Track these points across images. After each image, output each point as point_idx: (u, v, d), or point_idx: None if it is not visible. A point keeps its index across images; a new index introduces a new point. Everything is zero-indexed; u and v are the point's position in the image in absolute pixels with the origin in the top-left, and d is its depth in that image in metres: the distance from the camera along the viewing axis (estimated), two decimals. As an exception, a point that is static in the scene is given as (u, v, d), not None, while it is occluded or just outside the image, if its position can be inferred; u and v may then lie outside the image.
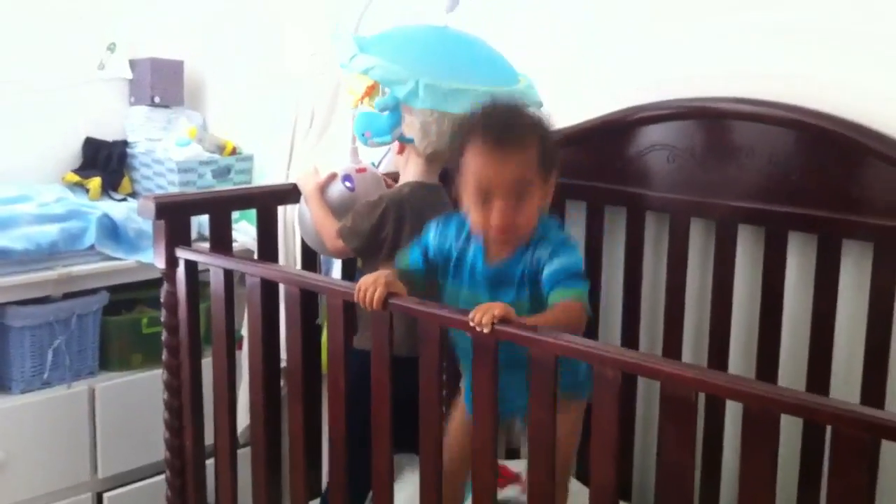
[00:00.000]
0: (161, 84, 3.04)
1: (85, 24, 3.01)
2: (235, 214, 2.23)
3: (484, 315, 1.43)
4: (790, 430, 1.80)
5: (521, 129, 1.58)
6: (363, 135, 1.97)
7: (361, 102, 2.01)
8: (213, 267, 1.92)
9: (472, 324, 1.45)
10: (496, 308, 1.44)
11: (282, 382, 2.24)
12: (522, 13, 2.31)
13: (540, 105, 1.93)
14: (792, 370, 1.94)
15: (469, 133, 1.60)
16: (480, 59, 1.99)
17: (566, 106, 2.16)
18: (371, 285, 1.58)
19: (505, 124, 1.58)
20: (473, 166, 1.58)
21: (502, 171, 1.56)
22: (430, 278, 1.72)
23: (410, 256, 1.73)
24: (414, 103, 1.84)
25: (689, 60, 2.07)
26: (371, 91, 1.99)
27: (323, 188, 2.02)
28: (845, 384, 1.87)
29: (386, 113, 1.92)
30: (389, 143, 1.99)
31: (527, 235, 1.61)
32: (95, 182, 2.89)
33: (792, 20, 1.90)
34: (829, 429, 1.24)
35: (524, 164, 1.57)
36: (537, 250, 1.61)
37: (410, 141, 1.94)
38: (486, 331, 1.43)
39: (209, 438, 2.06)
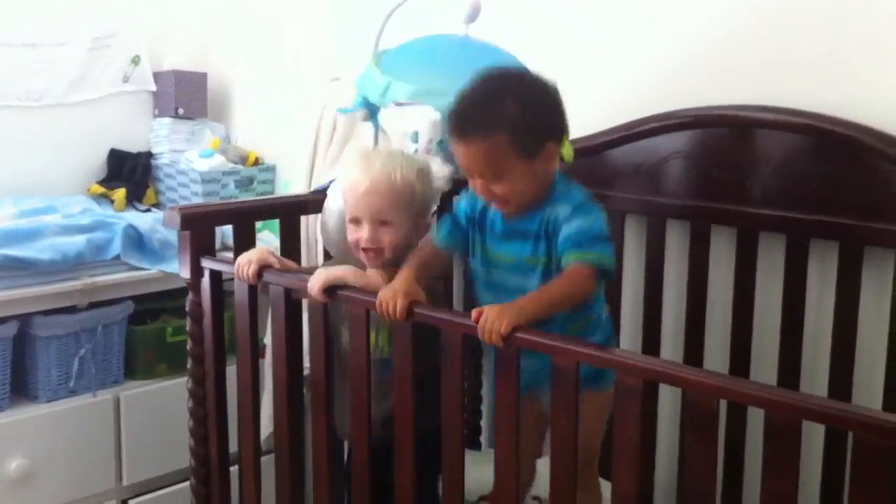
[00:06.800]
0: (185, 96, 3.07)
1: (110, 37, 3.04)
2: (258, 224, 2.25)
3: (492, 333, 1.45)
4: (811, 438, 1.80)
5: (483, 121, 1.59)
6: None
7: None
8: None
9: (481, 336, 1.46)
10: (504, 319, 1.45)
11: (304, 390, 2.25)
12: (544, 22, 2.32)
13: None
14: (813, 379, 1.93)
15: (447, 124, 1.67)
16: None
17: (582, 117, 2.16)
18: (391, 298, 1.59)
19: (466, 118, 1.61)
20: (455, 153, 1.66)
21: (474, 160, 1.61)
22: (464, 243, 1.76)
23: (443, 229, 1.77)
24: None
25: (704, 68, 2.07)
26: None
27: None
28: (867, 393, 1.86)
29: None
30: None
31: (523, 199, 1.63)
32: (120, 193, 2.92)
33: (814, 27, 1.91)
34: (850, 437, 1.23)
35: (491, 153, 1.59)
36: (555, 208, 1.63)
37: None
38: (500, 345, 1.46)
39: (233, 446, 2.07)
